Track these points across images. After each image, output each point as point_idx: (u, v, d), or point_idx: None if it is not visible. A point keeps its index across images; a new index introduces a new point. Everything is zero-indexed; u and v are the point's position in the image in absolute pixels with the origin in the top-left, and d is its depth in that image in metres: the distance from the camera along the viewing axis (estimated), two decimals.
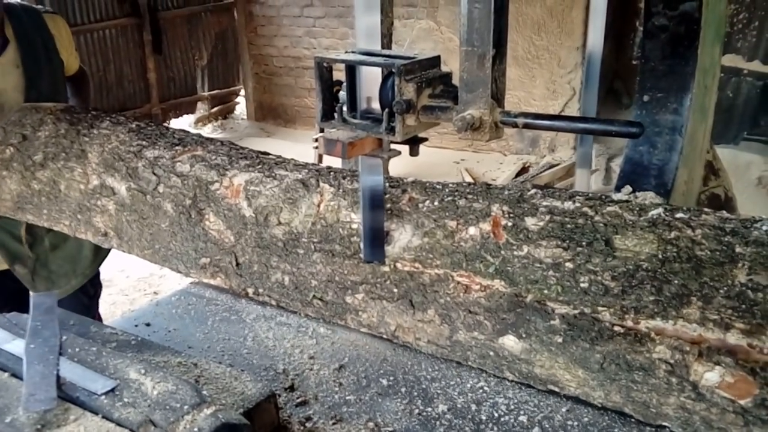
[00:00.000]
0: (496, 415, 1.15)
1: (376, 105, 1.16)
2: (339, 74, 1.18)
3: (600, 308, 1.05)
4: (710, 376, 0.96)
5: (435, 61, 1.15)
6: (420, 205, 1.29)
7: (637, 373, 1.02)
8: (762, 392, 0.92)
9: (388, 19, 1.22)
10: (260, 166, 1.52)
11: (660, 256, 1.04)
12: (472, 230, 1.20)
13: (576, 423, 1.12)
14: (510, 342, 1.15)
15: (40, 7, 2.37)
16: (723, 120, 5.46)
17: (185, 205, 1.51)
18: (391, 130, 1.13)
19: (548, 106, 6.11)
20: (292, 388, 1.25)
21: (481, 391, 1.22)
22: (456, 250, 1.20)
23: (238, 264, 1.46)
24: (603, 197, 1.22)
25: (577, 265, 1.08)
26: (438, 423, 1.14)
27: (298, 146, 6.48)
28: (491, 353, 1.18)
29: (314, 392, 1.24)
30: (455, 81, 1.12)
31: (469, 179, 5.94)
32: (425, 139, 1.25)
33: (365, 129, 1.17)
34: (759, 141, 5.47)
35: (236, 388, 1.12)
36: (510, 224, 1.17)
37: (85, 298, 2.36)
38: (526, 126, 1.02)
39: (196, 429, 0.95)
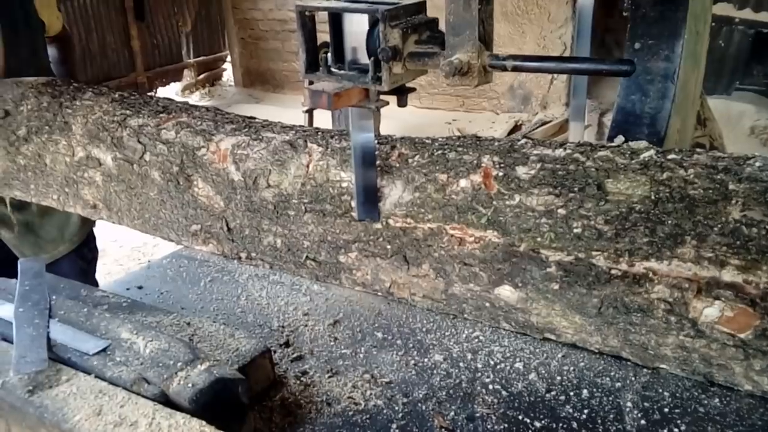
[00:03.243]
0: (492, 362, 1.15)
1: (361, 54, 1.13)
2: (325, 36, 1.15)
3: (594, 253, 1.04)
4: (710, 311, 0.96)
5: (420, 6, 1.12)
6: (410, 161, 1.27)
7: (635, 314, 1.02)
8: (762, 322, 0.92)
9: None
10: (246, 130, 1.50)
11: (653, 198, 1.03)
12: (463, 182, 1.19)
13: (572, 368, 1.12)
14: (506, 292, 1.14)
15: None
16: (715, 70, 5.42)
17: (173, 172, 1.48)
18: (377, 79, 1.10)
19: None
20: (287, 344, 1.25)
21: (476, 340, 1.22)
22: (448, 203, 1.19)
23: (229, 229, 1.45)
24: (594, 144, 1.20)
25: (570, 211, 1.07)
26: (434, 372, 1.14)
27: (288, 112, 6.42)
28: (487, 304, 1.18)
29: (309, 347, 1.24)
30: (442, 27, 1.09)
31: None
32: (413, 89, 1.22)
33: (351, 80, 1.14)
34: (751, 90, 5.43)
35: (230, 344, 1.12)
36: (501, 174, 1.16)
37: (82, 263, 2.35)
38: (515, 69, 1.00)
39: (190, 384, 0.94)
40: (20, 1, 2.04)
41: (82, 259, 2.34)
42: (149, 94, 6.82)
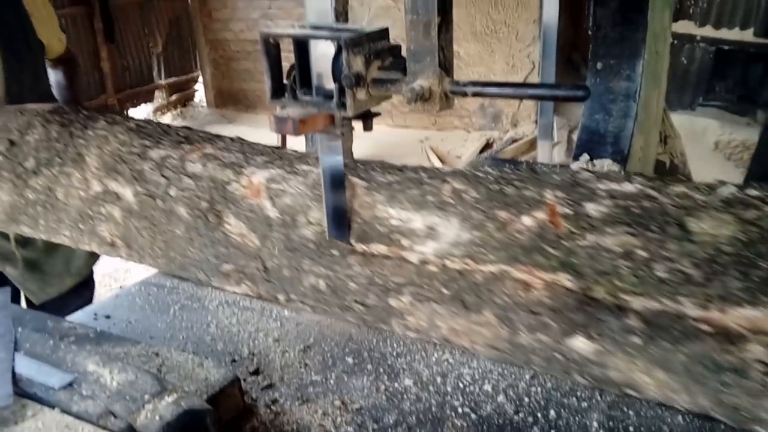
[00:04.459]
0: (461, 385, 1.16)
1: (326, 80, 1.14)
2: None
3: (681, 298, 0.95)
4: None
5: (383, 33, 1.13)
6: (464, 196, 1.17)
7: (727, 374, 0.93)
8: None
9: None
10: (279, 162, 1.39)
11: (742, 239, 0.94)
12: (526, 220, 1.08)
13: (539, 389, 1.13)
14: (579, 344, 1.04)
15: None
16: (679, 86, 5.54)
17: (201, 208, 1.38)
18: (342, 105, 1.11)
19: (509, 80, 6.12)
20: (257, 372, 1.25)
21: (446, 363, 1.23)
22: (511, 243, 1.08)
23: (266, 269, 1.33)
24: (665, 178, 1.11)
25: (652, 253, 0.98)
26: (404, 397, 1.14)
27: (260, 131, 6.41)
28: (558, 356, 1.08)
29: (280, 374, 1.23)
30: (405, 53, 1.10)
31: (434, 157, 5.96)
32: (378, 114, 1.23)
33: (316, 105, 1.14)
34: (714, 106, 5.57)
35: (199, 374, 1.11)
36: (569, 212, 1.06)
37: (79, 302, 2.19)
38: (476, 94, 1.01)
39: (157, 417, 0.93)
40: (20, 23, 1.94)
41: (79, 297, 2.20)
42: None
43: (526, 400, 1.10)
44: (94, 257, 2.21)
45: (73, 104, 2.00)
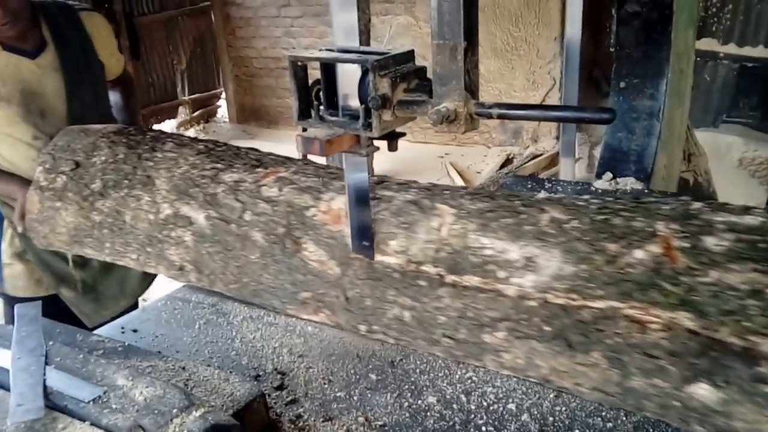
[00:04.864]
0: (485, 404, 1.16)
1: (352, 101, 1.16)
2: (316, 73, 1.18)
3: None
4: None
5: (409, 55, 1.16)
6: (565, 226, 1.10)
7: None
8: None
9: (366, 16, 1.21)
10: None
11: None
12: (638, 254, 1.02)
13: (564, 408, 1.13)
14: (702, 391, 0.96)
15: (74, 3, 2.10)
16: (702, 103, 5.51)
17: (278, 233, 1.35)
18: (368, 126, 1.13)
19: (529, 97, 6.13)
20: (281, 387, 1.26)
21: (469, 381, 1.23)
22: (623, 278, 1.01)
23: (347, 298, 1.30)
24: None
25: None
26: (428, 414, 1.15)
27: (282, 147, 6.45)
28: (676, 404, 1.00)
29: (304, 390, 1.25)
30: (430, 75, 1.12)
31: (453, 173, 5.96)
32: (403, 134, 1.25)
33: (343, 126, 1.17)
34: (738, 123, 5.52)
35: (225, 389, 1.13)
36: (686, 245, 1.00)
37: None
38: (501, 117, 1.03)
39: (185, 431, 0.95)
40: (80, 43, 1.98)
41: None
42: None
43: (551, 419, 1.11)
44: (148, 278, 2.20)
45: (137, 125, 2.02)
